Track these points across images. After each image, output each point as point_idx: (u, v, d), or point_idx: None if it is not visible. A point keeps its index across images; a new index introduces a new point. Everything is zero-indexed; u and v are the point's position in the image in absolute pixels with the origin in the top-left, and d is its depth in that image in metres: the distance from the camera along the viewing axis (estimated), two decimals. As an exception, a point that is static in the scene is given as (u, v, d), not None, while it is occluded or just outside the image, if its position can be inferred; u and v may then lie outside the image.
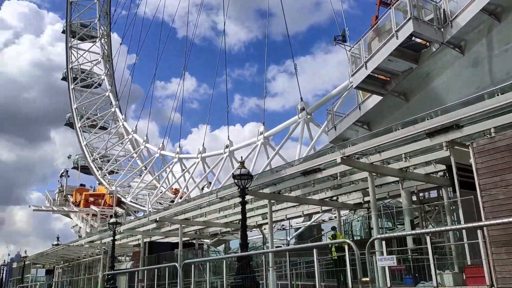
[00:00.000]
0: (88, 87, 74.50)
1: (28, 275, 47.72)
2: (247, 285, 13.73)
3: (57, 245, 37.71)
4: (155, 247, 28.72)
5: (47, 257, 30.47)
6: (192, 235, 29.53)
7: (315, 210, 22.27)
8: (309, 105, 33.44)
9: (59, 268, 32.08)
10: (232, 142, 41.92)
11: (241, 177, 15.18)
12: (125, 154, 67.67)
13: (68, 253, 28.23)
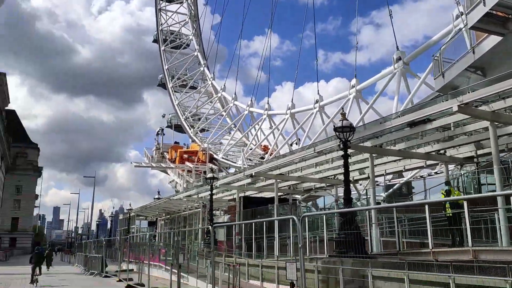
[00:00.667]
0: (177, 48, 76.73)
1: (133, 226, 52.00)
2: (351, 241, 13.18)
3: (158, 198, 40.29)
4: (249, 202, 29.32)
5: (150, 209, 32.66)
6: (286, 190, 29.53)
7: (417, 165, 20.80)
8: (405, 54, 30.98)
9: (161, 220, 34.32)
10: (322, 97, 40.72)
11: (343, 130, 14.33)
12: (215, 112, 69.48)
13: (168, 206, 29.93)
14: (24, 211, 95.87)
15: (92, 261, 27.58)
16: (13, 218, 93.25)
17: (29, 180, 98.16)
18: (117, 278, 22.45)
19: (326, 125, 39.81)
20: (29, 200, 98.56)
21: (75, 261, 41.72)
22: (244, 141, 59.62)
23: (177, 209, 30.32)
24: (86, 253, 32.56)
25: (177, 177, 54.48)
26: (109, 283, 21.10)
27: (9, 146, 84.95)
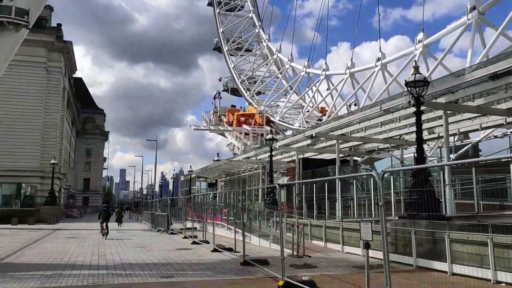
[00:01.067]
0: (231, 10, 75.79)
1: (194, 187, 53.58)
2: (424, 202, 12.47)
3: (217, 160, 41.01)
4: (309, 163, 28.93)
5: (210, 171, 33.32)
6: (347, 151, 28.76)
7: (495, 123, 19.23)
8: (481, 2, 28.31)
9: (221, 182, 34.97)
10: (384, 54, 38.70)
11: (416, 84, 13.33)
12: (270, 74, 68.62)
13: (228, 168, 30.33)
14: (94, 173, 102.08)
15: (158, 219, 28.77)
16: (85, 179, 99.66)
17: (97, 144, 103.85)
18: (182, 235, 23.21)
19: (389, 84, 37.97)
20: (98, 162, 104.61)
21: (142, 219, 43.93)
22: (300, 103, 58.72)
23: (237, 170, 30.64)
24: (152, 211, 34.02)
25: (234, 140, 55.04)
26: (176, 240, 21.89)
27: (78, 112, 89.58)
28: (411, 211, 12.79)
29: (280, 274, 10.58)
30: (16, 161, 48.77)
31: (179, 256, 14.88)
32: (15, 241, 21.12)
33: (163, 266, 12.47)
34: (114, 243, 19.88)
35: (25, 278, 10.29)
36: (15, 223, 36.42)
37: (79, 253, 15.85)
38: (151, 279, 10.35)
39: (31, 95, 50.81)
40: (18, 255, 15.09)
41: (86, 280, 10.14)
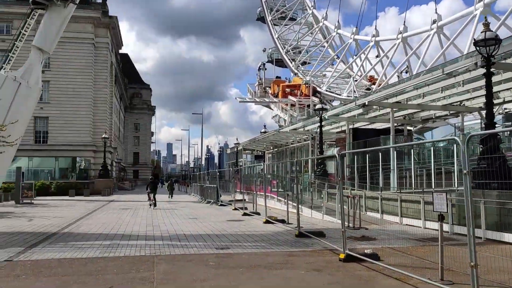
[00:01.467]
0: (274, -22, 73.78)
1: (240, 159, 53.74)
2: (495, 171, 11.48)
3: (264, 132, 40.65)
4: (358, 134, 27.91)
5: (257, 143, 33.00)
6: (400, 120, 27.45)
7: None
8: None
9: (268, 153, 34.65)
10: (440, 16, 36.32)
11: (486, 43, 12.11)
12: (316, 44, 66.75)
13: (276, 139, 29.85)
14: (142, 147, 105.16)
15: (208, 191, 28.99)
16: (134, 153, 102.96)
17: (144, 118, 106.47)
18: (232, 207, 23.20)
19: (445, 47, 35.81)
20: (146, 137, 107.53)
21: (191, 191, 44.74)
22: (348, 72, 56.89)
23: (285, 142, 30.11)
24: (201, 184, 34.41)
25: (280, 111, 54.37)
26: (226, 211, 21.90)
27: (125, 87, 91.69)
28: (479, 180, 11.82)
29: (339, 246, 10.11)
30: (70, 136, 50.71)
31: (231, 228, 14.74)
32: (73, 212, 21.91)
33: (217, 238, 12.33)
34: (167, 215, 20.14)
35: (85, 248, 10.42)
36: (72, 195, 38.07)
37: (134, 223, 16.09)
38: (207, 250, 10.19)
39: (81, 72, 52.21)
40: (77, 225, 15.52)
41: (143, 250, 10.11)
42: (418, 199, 14.54)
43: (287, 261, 8.96)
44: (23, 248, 10.45)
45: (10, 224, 15.76)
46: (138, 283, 6.99)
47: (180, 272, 7.88)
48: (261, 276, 7.62)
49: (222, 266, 8.40)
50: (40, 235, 12.85)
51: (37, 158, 48.62)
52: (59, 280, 7.21)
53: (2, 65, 35.85)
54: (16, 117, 31.52)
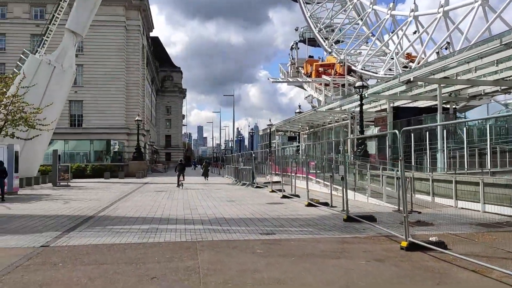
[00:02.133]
0: (305, -46, 71.22)
1: (273, 141, 52.90)
2: None
3: (299, 113, 39.55)
4: (400, 113, 26.51)
5: (292, 123, 31.93)
6: (445, 98, 25.81)
7: None
8: None
9: (304, 134, 33.61)
10: (489, -16, 33.81)
11: None
12: (350, 21, 64.32)
13: (313, 119, 28.71)
14: (174, 129, 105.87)
15: (242, 173, 28.38)
16: (166, 136, 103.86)
17: (176, 101, 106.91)
18: (269, 189, 22.48)
19: (492, 21, 33.39)
20: (178, 119, 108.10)
21: (224, 173, 44.37)
22: (383, 50, 54.62)
23: (322, 122, 28.97)
24: (235, 165, 33.85)
25: (314, 91, 52.89)
26: (264, 194, 21.20)
27: (157, 71, 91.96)
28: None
29: (397, 232, 9.19)
30: (104, 119, 51.12)
31: (272, 211, 13.99)
32: (109, 194, 21.73)
33: (260, 222, 11.60)
34: (203, 197, 19.62)
35: (123, 232, 9.90)
36: (107, 177, 38.37)
37: (171, 206, 15.59)
38: (252, 236, 9.46)
39: (113, 55, 52.27)
40: (113, 208, 15.15)
41: (184, 235, 9.49)
42: (476, 181, 13.34)
43: (342, 250, 8.11)
44: (60, 232, 10.03)
45: (48, 207, 15.56)
46: (183, 274, 6.31)
47: (227, 261, 7.16)
48: (317, 267, 6.81)
49: (271, 254, 7.63)
50: (77, 218, 12.48)
51: (72, 141, 49.34)
52: (97, 269, 6.63)
53: (36, 49, 36.14)
54: (51, 100, 31.80)
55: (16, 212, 13.99)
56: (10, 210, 14.75)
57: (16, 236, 9.51)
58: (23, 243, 8.68)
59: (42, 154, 33.88)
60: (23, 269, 6.64)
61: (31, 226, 10.99)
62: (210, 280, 6.03)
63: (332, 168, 19.92)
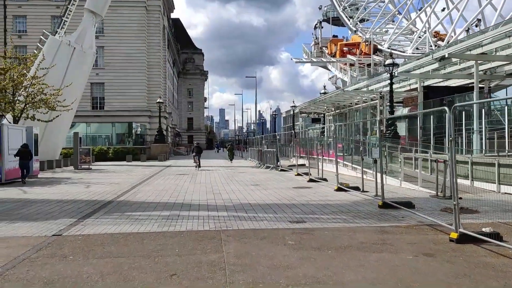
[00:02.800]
0: None
1: (297, 123, 51.80)
2: None
3: (324, 93, 38.29)
4: (431, 92, 25.11)
5: (318, 104, 30.69)
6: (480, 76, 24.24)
7: None
8: None
9: (329, 116, 32.46)
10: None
11: None
12: (375, -1, 62.04)
13: (339, 100, 27.47)
14: (196, 112, 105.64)
15: (266, 156, 27.56)
16: (188, 118, 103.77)
17: (197, 84, 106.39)
18: (295, 172, 21.64)
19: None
20: (199, 102, 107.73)
21: (247, 155, 43.67)
22: (410, 28, 52.50)
23: (348, 102, 27.75)
24: (258, 148, 33.07)
25: (338, 71, 51.33)
26: (289, 177, 20.35)
27: (178, 53, 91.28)
28: None
29: (441, 221, 8.26)
30: (125, 102, 50.90)
31: (300, 196, 13.15)
32: (131, 177, 21.26)
33: (288, 208, 10.78)
34: (226, 181, 18.92)
35: (142, 220, 9.23)
36: (129, 160, 38.17)
37: (193, 190, 14.92)
38: (281, 224, 8.66)
39: (134, 36, 51.70)
40: (133, 192, 14.58)
41: (207, 223, 8.75)
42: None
43: (383, 241, 7.23)
44: (76, 219, 9.43)
45: (66, 191, 15.10)
46: (206, 271, 5.55)
47: (255, 254, 6.38)
48: (358, 262, 5.95)
49: (304, 247, 6.81)
50: (95, 203, 11.92)
51: (94, 124, 49.33)
52: (111, 263, 5.93)
53: (56, 30, 35.76)
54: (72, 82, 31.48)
55: (33, 197, 13.55)
56: (26, 194, 14.34)
57: (29, 223, 8.95)
58: (35, 232, 8.10)
59: (64, 137, 33.76)
60: (30, 263, 6.01)
61: (46, 212, 10.46)
62: (238, 278, 5.26)
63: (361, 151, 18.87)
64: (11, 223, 9.01)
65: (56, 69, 30.74)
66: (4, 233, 8.01)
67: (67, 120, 32.53)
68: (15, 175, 18.69)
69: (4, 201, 12.52)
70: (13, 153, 18.29)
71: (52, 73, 30.58)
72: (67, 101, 27.76)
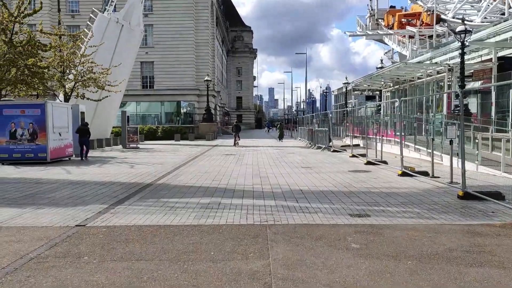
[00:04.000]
0: None
1: (350, 101, 49.31)
2: None
3: (381, 68, 35.65)
4: (508, 64, 22.18)
5: (374, 79, 28.28)
6: None
7: None
8: None
9: (386, 92, 30.04)
10: None
11: None
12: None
13: (399, 74, 25.02)
14: (245, 91, 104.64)
15: (318, 135, 25.87)
16: (237, 97, 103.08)
17: (247, 62, 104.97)
18: (349, 153, 19.87)
19: None
20: (248, 81, 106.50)
21: (297, 135, 42.07)
22: (478, -5, 47.76)
23: (410, 77, 25.25)
24: (310, 127, 31.38)
25: (396, 45, 47.89)
26: (343, 159, 18.64)
27: (227, 30, 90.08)
28: None
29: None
30: (173, 80, 50.52)
31: (358, 181, 11.52)
32: (176, 157, 20.43)
33: (346, 197, 9.23)
34: (275, 162, 17.54)
35: (178, 208, 8.06)
36: (178, 139, 37.76)
37: (238, 173, 13.67)
38: (339, 219, 7.16)
39: (181, 13, 50.87)
40: (175, 174, 13.55)
41: (251, 215, 7.42)
42: None
43: (479, 248, 5.55)
44: (107, 205, 8.43)
45: (107, 172, 14.35)
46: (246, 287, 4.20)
47: (310, 262, 4.95)
48: (456, 284, 4.35)
49: (373, 253, 5.29)
50: (133, 186, 10.96)
51: (144, 103, 49.41)
52: (128, 270, 4.73)
53: (105, 7, 35.44)
54: (121, 60, 31.07)
55: (72, 178, 12.85)
56: (66, 175, 13.70)
57: (55, 209, 8.04)
58: (58, 220, 7.13)
59: (114, 116, 33.68)
60: (36, 265, 4.94)
61: (78, 196, 9.57)
62: (288, 304, 3.86)
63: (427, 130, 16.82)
64: (37, 208, 8.15)
65: (105, 47, 30.46)
66: (24, 222, 7.10)
67: (117, 99, 32.35)
68: (61, 154, 18.33)
69: (41, 182, 11.87)
70: (57, 132, 17.88)
71: (101, 52, 30.28)
72: (117, 81, 27.50)
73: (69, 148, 19.15)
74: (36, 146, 16.99)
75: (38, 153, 16.99)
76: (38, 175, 13.39)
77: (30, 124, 16.91)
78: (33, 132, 16.97)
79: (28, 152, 16.95)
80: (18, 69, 20.22)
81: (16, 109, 16.96)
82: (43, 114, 16.93)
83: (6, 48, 19.85)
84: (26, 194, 9.84)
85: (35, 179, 12.49)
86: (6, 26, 20.02)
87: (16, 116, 16.84)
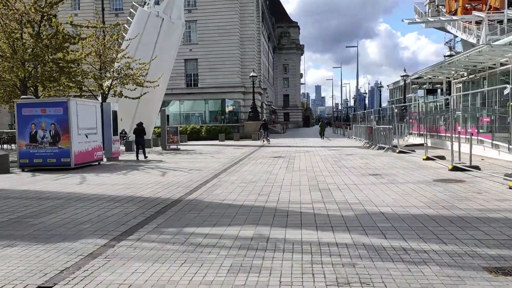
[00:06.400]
0: None
1: (409, 95, 45.08)
2: None
3: (449, 56, 31.58)
4: None
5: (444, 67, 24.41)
6: None
7: None
8: None
9: (457, 83, 26.09)
10: None
11: None
12: None
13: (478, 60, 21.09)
14: (292, 89, 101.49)
15: (380, 134, 22.50)
16: (284, 95, 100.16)
17: (293, 59, 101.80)
18: (422, 155, 16.49)
19: None
20: (295, 78, 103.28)
21: (351, 133, 38.60)
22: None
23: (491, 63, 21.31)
24: (366, 125, 27.98)
25: (461, 32, 43.16)
26: (416, 162, 15.26)
27: (273, 27, 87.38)
28: None
29: None
30: (218, 77, 48.47)
31: (459, 199, 8.33)
32: (217, 161, 17.90)
33: (456, 227, 6.17)
34: (332, 167, 14.53)
35: (206, 248, 5.34)
36: (222, 139, 35.52)
37: (291, 183, 10.85)
38: (473, 280, 4.16)
39: (226, 7, 48.72)
40: (212, 185, 10.90)
41: (320, 265, 4.57)
42: None
43: None
44: (106, 240, 5.88)
45: (130, 181, 11.96)
46: None
47: None
48: None
49: None
50: (154, 204, 8.42)
51: (188, 102, 47.61)
52: None
53: (145, 1, 33.72)
54: (161, 55, 29.20)
55: (85, 190, 10.52)
56: (80, 186, 11.38)
57: (29, 248, 5.58)
58: (17, 274, 4.62)
59: (156, 115, 31.83)
60: None
61: (75, 222, 7.10)
62: None
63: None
64: (7, 246, 5.73)
65: (145, 42, 28.76)
66: (-28, 273, 4.64)
67: (157, 97, 30.53)
68: (88, 158, 16.26)
69: (45, 197, 9.61)
70: (83, 133, 15.83)
71: (141, 47, 28.56)
72: (155, 76, 25.59)
73: (98, 151, 17.09)
74: (58, 150, 14.98)
75: (61, 157, 14.97)
76: (48, 187, 11.21)
77: (52, 125, 14.92)
78: (55, 134, 14.97)
79: (50, 157, 14.98)
80: (45, 65, 18.48)
81: (36, 108, 15.02)
82: (65, 113, 14.89)
83: (34, 42, 18.14)
84: (12, 218, 7.51)
85: (41, 192, 10.27)
86: (32, 18, 18.28)
87: (37, 116, 14.90)
